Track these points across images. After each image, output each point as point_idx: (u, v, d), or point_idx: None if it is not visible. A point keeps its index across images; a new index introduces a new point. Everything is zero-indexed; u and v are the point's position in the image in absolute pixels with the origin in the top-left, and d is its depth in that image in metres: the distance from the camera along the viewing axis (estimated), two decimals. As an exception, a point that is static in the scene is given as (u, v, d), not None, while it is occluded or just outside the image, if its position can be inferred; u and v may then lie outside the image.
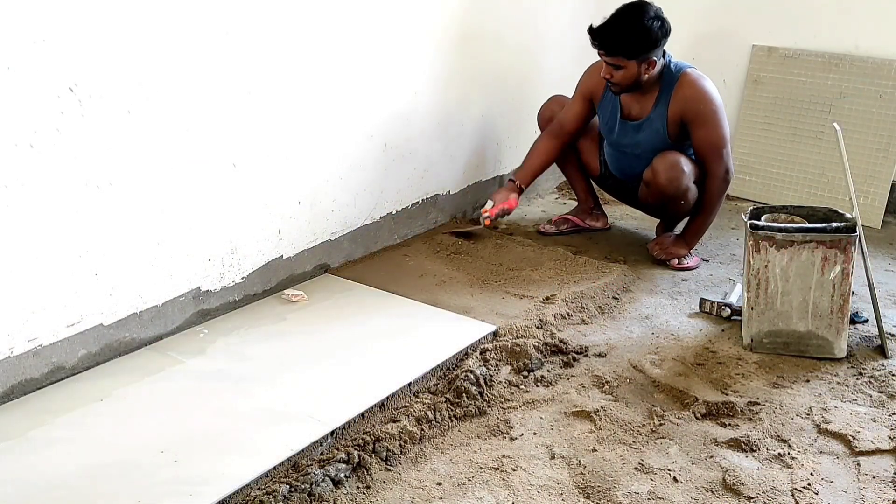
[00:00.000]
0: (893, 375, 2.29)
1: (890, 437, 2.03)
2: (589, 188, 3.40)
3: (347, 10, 2.70)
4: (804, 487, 1.85)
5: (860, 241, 2.35)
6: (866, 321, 2.60)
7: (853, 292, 2.41)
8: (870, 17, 3.52)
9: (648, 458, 1.96)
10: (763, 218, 2.49)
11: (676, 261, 3.04)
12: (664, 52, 2.89)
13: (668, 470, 1.91)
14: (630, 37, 2.75)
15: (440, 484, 1.86)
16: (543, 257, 3.07)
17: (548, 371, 2.33)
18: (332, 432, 1.97)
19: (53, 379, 2.14)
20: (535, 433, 2.05)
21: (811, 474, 1.90)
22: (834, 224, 2.36)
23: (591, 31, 2.79)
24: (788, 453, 1.97)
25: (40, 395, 2.08)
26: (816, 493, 1.84)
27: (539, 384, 2.26)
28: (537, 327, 2.50)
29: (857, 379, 2.30)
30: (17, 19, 1.87)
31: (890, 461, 1.96)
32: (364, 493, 1.82)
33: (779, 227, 2.38)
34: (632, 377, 2.30)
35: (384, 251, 3.10)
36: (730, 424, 2.10)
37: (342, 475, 1.83)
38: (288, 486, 1.77)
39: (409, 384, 2.19)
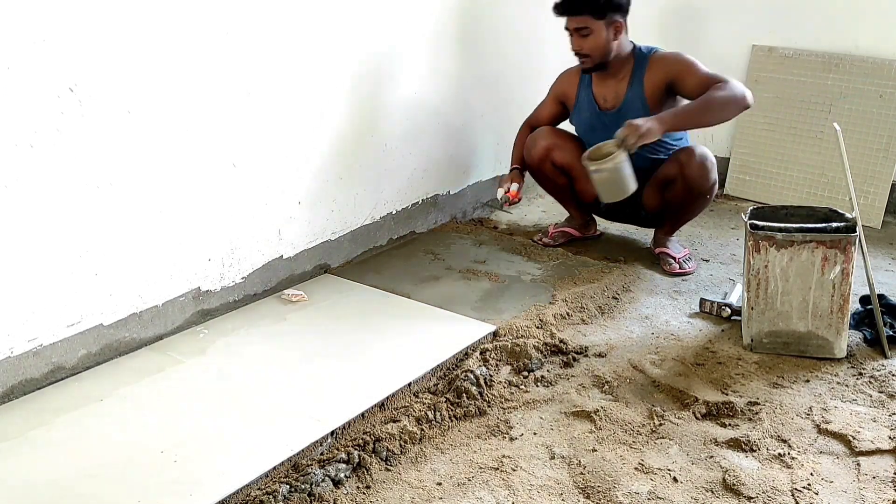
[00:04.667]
0: (893, 375, 2.29)
1: (890, 437, 2.03)
2: (581, 205, 3.27)
3: (344, 12, 2.70)
4: (804, 487, 1.85)
5: (860, 241, 2.35)
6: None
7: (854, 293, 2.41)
8: (870, 17, 3.51)
9: (648, 458, 1.96)
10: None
11: (678, 266, 3.00)
12: (631, 41, 2.88)
13: (668, 470, 1.91)
14: None
15: (440, 484, 1.86)
16: (543, 257, 3.07)
17: (548, 371, 2.33)
18: (332, 432, 1.97)
19: (53, 379, 2.14)
20: (535, 433, 2.05)
21: (811, 474, 1.90)
22: (834, 224, 2.36)
23: (557, 3, 2.81)
24: (788, 453, 1.97)
25: (40, 395, 2.09)
26: (816, 493, 1.84)
27: (539, 384, 2.26)
28: (537, 327, 2.50)
29: (857, 379, 2.29)
30: (18, 19, 1.87)
31: (890, 461, 1.96)
32: (364, 493, 1.82)
33: (779, 227, 2.38)
34: (632, 377, 2.30)
35: (384, 251, 3.10)
36: (730, 424, 2.10)
37: (342, 475, 1.83)
38: (288, 486, 1.78)
39: (409, 384, 2.20)
